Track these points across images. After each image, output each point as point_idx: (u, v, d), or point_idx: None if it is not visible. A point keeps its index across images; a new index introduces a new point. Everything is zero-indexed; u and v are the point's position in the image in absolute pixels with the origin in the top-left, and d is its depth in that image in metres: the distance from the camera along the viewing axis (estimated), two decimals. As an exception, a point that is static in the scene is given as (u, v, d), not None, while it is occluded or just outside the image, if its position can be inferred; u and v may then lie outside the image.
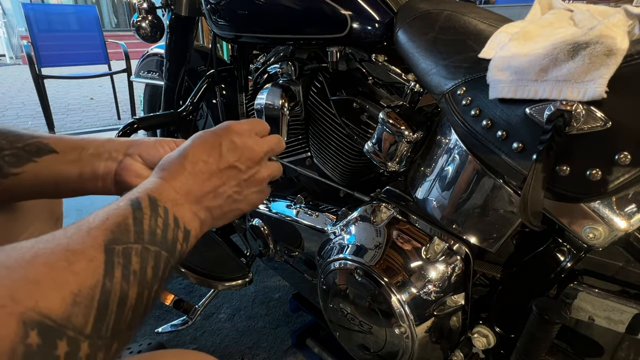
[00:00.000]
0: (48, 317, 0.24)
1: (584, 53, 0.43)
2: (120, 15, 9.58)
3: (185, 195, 0.41)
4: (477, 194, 0.61)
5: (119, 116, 3.61)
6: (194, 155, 0.43)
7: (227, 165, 0.44)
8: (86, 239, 0.30)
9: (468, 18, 0.66)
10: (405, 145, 0.71)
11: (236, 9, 0.91)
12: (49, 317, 0.24)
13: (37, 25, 3.14)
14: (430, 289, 0.65)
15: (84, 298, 0.27)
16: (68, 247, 0.29)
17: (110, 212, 0.34)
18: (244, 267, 1.12)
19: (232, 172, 0.45)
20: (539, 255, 0.58)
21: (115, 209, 0.34)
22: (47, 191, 0.50)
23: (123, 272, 0.30)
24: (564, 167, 0.44)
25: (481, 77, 0.54)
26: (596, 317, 0.53)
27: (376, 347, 0.73)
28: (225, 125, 0.46)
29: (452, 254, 0.66)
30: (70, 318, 0.25)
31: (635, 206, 0.46)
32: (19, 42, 7.14)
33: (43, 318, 0.24)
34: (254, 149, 0.46)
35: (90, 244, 0.30)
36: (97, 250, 0.30)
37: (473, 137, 0.53)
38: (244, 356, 1.16)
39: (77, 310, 0.26)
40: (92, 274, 0.28)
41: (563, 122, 0.42)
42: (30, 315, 0.23)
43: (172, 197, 0.39)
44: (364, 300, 0.70)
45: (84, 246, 0.29)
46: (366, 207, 0.76)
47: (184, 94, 1.34)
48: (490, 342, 0.64)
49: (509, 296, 0.63)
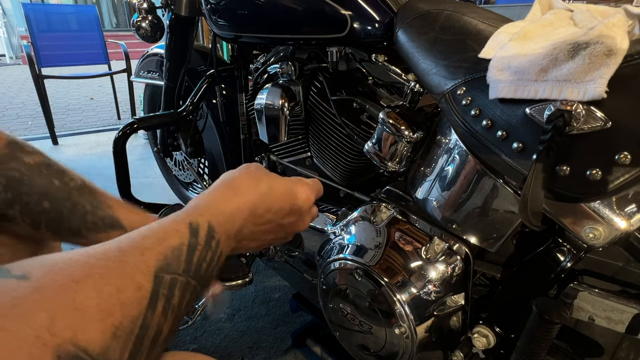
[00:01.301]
0: (85, 351, 0.22)
1: (584, 53, 0.43)
2: (120, 15, 9.58)
3: (237, 232, 0.40)
4: (477, 194, 0.61)
5: (119, 116, 3.61)
6: (270, 202, 0.43)
7: (282, 223, 0.46)
8: (139, 262, 0.28)
9: (468, 18, 0.66)
10: (405, 145, 0.71)
11: (236, 9, 0.91)
12: (86, 351, 0.23)
13: (37, 25, 3.14)
14: (430, 289, 0.65)
15: (124, 332, 0.25)
16: (121, 270, 0.27)
17: (169, 232, 0.32)
18: (244, 267, 1.12)
19: (281, 227, 0.46)
20: (539, 255, 0.58)
21: (174, 231, 0.33)
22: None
23: (164, 306, 0.28)
24: (564, 167, 0.44)
25: (481, 77, 0.54)
26: (596, 317, 0.53)
27: (376, 347, 0.73)
28: (302, 190, 0.47)
29: (452, 254, 0.66)
30: (107, 353, 0.24)
31: (635, 206, 0.46)
32: (19, 42, 7.14)
33: (79, 352, 0.22)
34: (308, 214, 0.49)
35: (142, 269, 0.28)
36: (146, 277, 0.28)
37: (473, 137, 0.53)
38: (244, 356, 1.16)
39: (115, 344, 0.24)
40: (137, 305, 0.26)
41: (563, 122, 0.42)
42: (66, 348, 0.22)
43: (227, 231, 0.38)
44: (364, 300, 0.70)
45: (135, 270, 0.28)
46: (366, 207, 0.76)
47: (184, 94, 1.34)
48: (490, 342, 0.64)
49: (509, 296, 0.63)
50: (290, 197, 0.46)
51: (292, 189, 0.46)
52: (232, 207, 0.39)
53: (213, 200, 0.39)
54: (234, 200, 0.40)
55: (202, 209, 0.37)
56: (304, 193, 0.47)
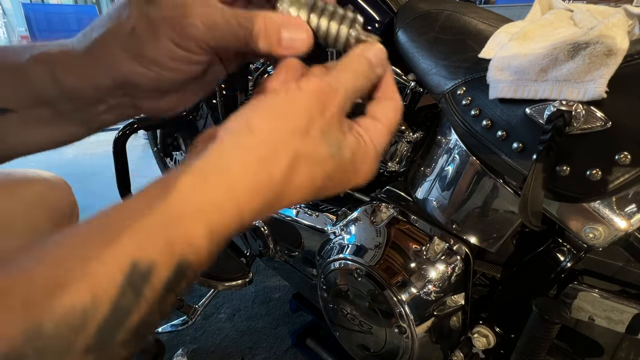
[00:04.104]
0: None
1: (584, 53, 0.43)
2: (120, 15, 9.57)
3: (240, 224, 0.24)
4: (477, 194, 0.61)
5: (119, 116, 3.61)
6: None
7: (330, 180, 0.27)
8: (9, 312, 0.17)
9: (468, 18, 0.66)
10: (405, 145, 0.71)
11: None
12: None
13: (37, 25, 3.14)
14: (430, 289, 0.65)
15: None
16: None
17: (83, 268, 0.18)
18: (244, 267, 1.12)
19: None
20: (539, 255, 0.58)
21: (91, 272, 0.18)
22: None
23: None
24: (564, 167, 0.44)
25: (481, 77, 0.54)
26: (596, 317, 0.53)
27: (376, 347, 0.73)
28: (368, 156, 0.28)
29: (452, 254, 0.66)
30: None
31: (635, 206, 0.46)
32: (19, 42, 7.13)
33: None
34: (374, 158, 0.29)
35: (8, 322, 0.17)
36: (8, 341, 0.17)
37: (473, 137, 0.53)
38: (244, 356, 1.16)
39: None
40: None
41: (563, 122, 0.42)
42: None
43: (220, 236, 0.23)
44: (364, 300, 0.70)
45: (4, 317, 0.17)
46: (366, 207, 0.76)
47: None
48: (490, 342, 0.64)
49: (509, 296, 0.63)
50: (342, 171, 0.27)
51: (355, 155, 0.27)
52: (247, 184, 0.23)
53: (214, 186, 0.22)
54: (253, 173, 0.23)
55: (190, 212, 0.21)
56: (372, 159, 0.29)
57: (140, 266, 0.19)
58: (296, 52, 0.27)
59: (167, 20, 0.25)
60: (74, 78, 0.28)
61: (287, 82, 0.26)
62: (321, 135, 0.25)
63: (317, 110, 0.25)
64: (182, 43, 0.26)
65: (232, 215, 0.23)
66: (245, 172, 0.23)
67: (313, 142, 0.25)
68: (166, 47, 0.26)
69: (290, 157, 0.24)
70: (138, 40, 0.26)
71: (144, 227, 0.20)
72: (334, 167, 0.26)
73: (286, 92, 0.25)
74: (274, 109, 0.24)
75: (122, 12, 0.27)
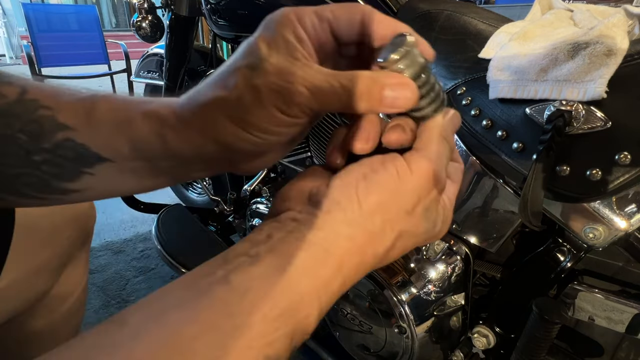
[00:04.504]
0: None
1: (584, 53, 0.43)
2: (120, 15, 9.58)
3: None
4: (477, 194, 0.61)
5: (119, 116, 3.61)
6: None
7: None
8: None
9: (468, 18, 0.66)
10: (405, 145, 0.71)
11: (236, 9, 0.91)
12: None
13: (37, 25, 3.15)
14: (430, 289, 0.65)
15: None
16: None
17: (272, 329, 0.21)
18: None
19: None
20: (539, 255, 0.58)
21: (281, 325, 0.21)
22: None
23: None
24: (564, 167, 0.44)
25: (481, 77, 0.54)
26: (596, 317, 0.53)
27: (376, 347, 0.73)
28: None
29: (452, 254, 0.66)
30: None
31: (635, 206, 0.46)
32: (19, 42, 7.13)
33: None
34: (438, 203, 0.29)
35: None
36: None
37: (473, 137, 0.53)
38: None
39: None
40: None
41: (563, 122, 0.42)
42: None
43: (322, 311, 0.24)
44: (364, 300, 0.70)
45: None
46: (366, 207, 0.76)
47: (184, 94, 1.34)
48: (490, 342, 0.64)
49: (509, 296, 0.63)
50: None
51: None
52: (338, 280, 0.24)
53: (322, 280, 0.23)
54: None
55: (307, 294, 0.22)
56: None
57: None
58: (398, 111, 0.26)
59: (272, 88, 0.25)
60: (179, 140, 0.28)
61: (395, 159, 0.26)
62: (423, 213, 0.26)
63: (425, 192, 0.26)
64: (287, 110, 0.26)
65: (337, 292, 0.24)
66: (354, 250, 0.24)
67: (416, 220, 0.26)
68: (271, 114, 0.26)
69: (395, 235, 0.25)
70: (244, 108, 0.26)
71: (269, 317, 0.20)
72: (425, 237, 0.28)
73: (396, 170, 0.25)
74: (384, 188, 0.25)
75: (229, 81, 0.27)
